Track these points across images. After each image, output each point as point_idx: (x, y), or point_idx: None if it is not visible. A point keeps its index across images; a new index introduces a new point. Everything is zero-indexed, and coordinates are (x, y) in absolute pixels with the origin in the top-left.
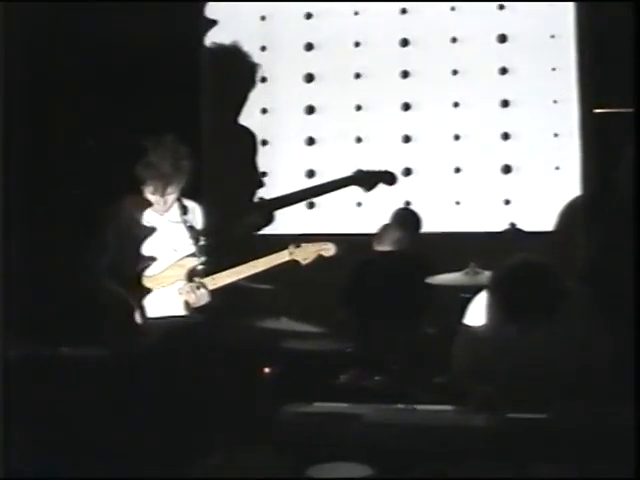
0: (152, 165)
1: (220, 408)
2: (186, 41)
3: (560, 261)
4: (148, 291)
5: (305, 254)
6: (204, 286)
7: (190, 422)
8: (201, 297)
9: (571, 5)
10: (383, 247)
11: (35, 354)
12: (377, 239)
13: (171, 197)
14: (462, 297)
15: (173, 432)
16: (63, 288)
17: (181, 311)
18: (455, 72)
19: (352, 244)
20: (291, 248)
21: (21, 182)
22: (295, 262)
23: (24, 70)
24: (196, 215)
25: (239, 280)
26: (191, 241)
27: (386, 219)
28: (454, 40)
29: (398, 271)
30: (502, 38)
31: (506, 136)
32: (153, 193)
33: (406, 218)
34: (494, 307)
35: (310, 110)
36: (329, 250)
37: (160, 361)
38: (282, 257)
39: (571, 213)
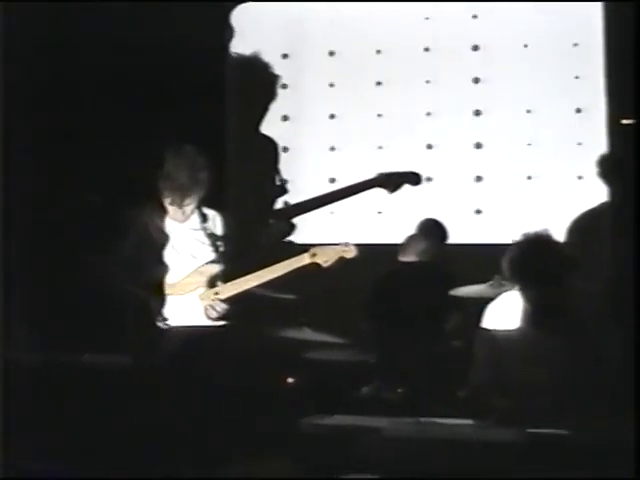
0: (170, 176)
1: (240, 419)
2: (209, 49)
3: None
4: (168, 299)
5: (326, 256)
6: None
7: (209, 433)
8: (220, 310)
9: (597, 12)
10: (408, 258)
11: (54, 361)
12: (402, 249)
13: (189, 208)
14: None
15: (192, 442)
16: (83, 296)
17: (202, 318)
18: (477, 80)
19: (376, 254)
20: (311, 251)
21: (41, 189)
22: (316, 265)
23: (46, 73)
24: (216, 223)
25: (260, 285)
26: (211, 248)
27: (410, 229)
28: (476, 47)
29: (422, 282)
30: (525, 45)
31: (529, 144)
32: (171, 204)
33: (432, 228)
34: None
35: (332, 117)
36: (350, 252)
37: (179, 370)
38: (302, 260)
39: (592, 222)
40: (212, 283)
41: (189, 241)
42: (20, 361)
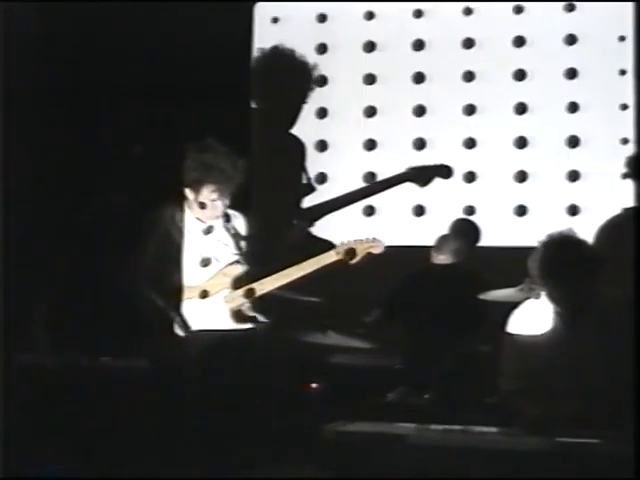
0: (212, 165)
1: (263, 425)
2: (234, 43)
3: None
4: (191, 302)
5: (353, 253)
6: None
7: (232, 438)
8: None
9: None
10: (439, 259)
11: (71, 366)
12: (434, 250)
13: (223, 202)
14: None
15: (213, 449)
16: (100, 299)
17: (227, 321)
18: (520, 76)
19: (404, 255)
20: (338, 248)
21: (60, 189)
22: (343, 262)
23: (66, 73)
24: (237, 223)
25: (286, 285)
26: (235, 249)
27: (442, 230)
28: (520, 42)
29: (452, 285)
30: (571, 40)
31: (573, 142)
32: (215, 192)
33: (465, 229)
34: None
35: (370, 113)
36: (378, 247)
37: (202, 375)
38: (329, 257)
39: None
40: (236, 284)
41: (212, 242)
42: (39, 364)
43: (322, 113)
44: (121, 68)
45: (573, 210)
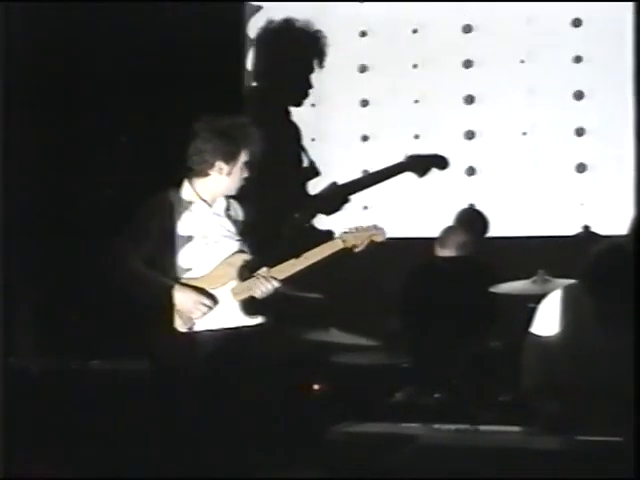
0: (222, 128)
1: (265, 427)
2: (227, 24)
3: None
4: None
5: (355, 241)
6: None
7: (233, 442)
8: (271, 287)
9: None
10: (445, 252)
11: (68, 367)
12: (439, 243)
13: (240, 164)
14: (530, 307)
15: (216, 452)
16: (95, 293)
17: (237, 315)
18: (523, 60)
19: (408, 248)
20: (341, 236)
21: (48, 182)
22: (347, 251)
23: (52, 63)
24: (238, 211)
25: (285, 280)
26: (238, 237)
27: (448, 221)
28: (524, 24)
29: (459, 279)
30: (576, 23)
31: (580, 132)
32: (224, 160)
33: (471, 219)
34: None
35: (364, 103)
36: (380, 235)
37: (200, 374)
38: (335, 246)
39: None
40: (242, 275)
41: (215, 228)
42: (33, 366)
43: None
44: (108, 56)
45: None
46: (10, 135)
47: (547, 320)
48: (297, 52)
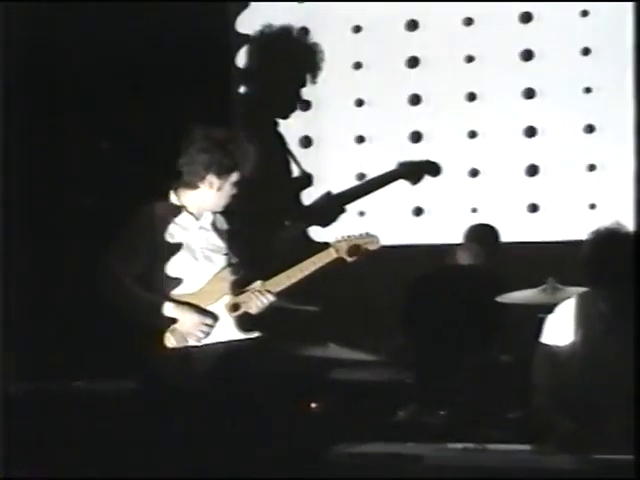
0: (215, 139)
1: (260, 448)
2: (213, 28)
3: None
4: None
5: (349, 250)
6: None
7: (227, 463)
8: (267, 301)
9: None
10: (455, 260)
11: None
12: (450, 253)
13: (231, 180)
14: (540, 318)
15: (211, 472)
16: (82, 308)
17: (231, 332)
18: (527, 57)
19: (410, 256)
20: (334, 245)
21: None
22: (342, 260)
23: (39, 68)
24: (224, 224)
25: (281, 296)
26: (226, 250)
27: (450, 228)
28: (527, 19)
29: (465, 288)
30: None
31: (590, 129)
32: (216, 174)
33: (485, 236)
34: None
35: (359, 104)
36: (374, 243)
37: (196, 393)
38: (328, 256)
39: None
40: (235, 290)
41: (202, 242)
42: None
43: (306, 106)
44: (100, 58)
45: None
46: None
47: (558, 331)
48: (289, 64)
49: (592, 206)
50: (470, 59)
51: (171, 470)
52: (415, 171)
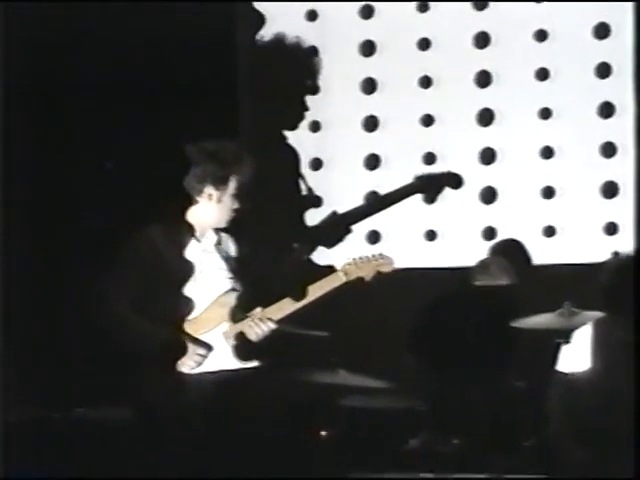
0: (214, 152)
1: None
2: (219, 41)
3: None
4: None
5: (360, 273)
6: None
7: None
8: (267, 329)
9: None
10: (482, 280)
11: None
12: (474, 272)
13: (230, 191)
14: (556, 343)
15: None
16: (81, 337)
17: (229, 360)
18: (543, 76)
19: (422, 278)
20: (343, 268)
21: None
22: (351, 284)
23: (40, 82)
24: (230, 246)
25: (288, 320)
26: (230, 274)
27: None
28: (542, 36)
29: (478, 312)
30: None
31: (610, 149)
32: (214, 184)
33: (514, 252)
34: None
35: (371, 124)
36: (388, 265)
37: (197, 423)
38: (336, 280)
39: None
40: (235, 316)
41: (204, 266)
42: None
43: (315, 126)
44: (102, 70)
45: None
46: None
47: (575, 357)
48: (291, 73)
49: (610, 228)
50: (485, 79)
51: None
52: (433, 184)
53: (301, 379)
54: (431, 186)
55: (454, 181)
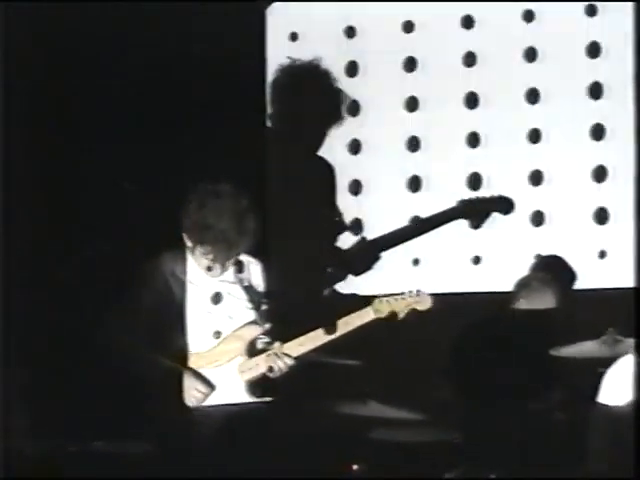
0: (211, 228)
1: None
2: (247, 57)
3: None
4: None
5: (393, 309)
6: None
7: None
8: (287, 365)
9: None
10: (524, 304)
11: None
12: (515, 293)
13: (224, 265)
14: (599, 373)
15: None
16: (89, 369)
17: (242, 394)
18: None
19: (459, 306)
20: (375, 304)
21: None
22: (382, 321)
23: (40, 82)
24: (253, 272)
25: (315, 350)
26: (250, 305)
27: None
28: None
29: (516, 338)
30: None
31: None
32: (213, 260)
33: (559, 269)
34: None
35: (413, 144)
36: (424, 302)
37: (215, 461)
38: (366, 316)
39: None
40: (253, 351)
41: (223, 296)
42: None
43: (355, 146)
44: (113, 94)
45: None
46: None
47: (617, 389)
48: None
49: None
50: (533, 95)
51: None
52: (478, 209)
53: (330, 411)
54: (476, 210)
55: (504, 206)
